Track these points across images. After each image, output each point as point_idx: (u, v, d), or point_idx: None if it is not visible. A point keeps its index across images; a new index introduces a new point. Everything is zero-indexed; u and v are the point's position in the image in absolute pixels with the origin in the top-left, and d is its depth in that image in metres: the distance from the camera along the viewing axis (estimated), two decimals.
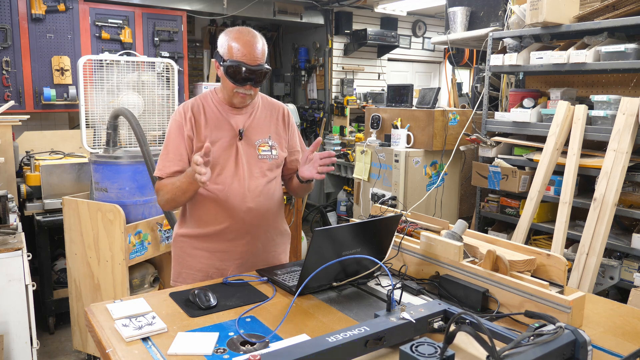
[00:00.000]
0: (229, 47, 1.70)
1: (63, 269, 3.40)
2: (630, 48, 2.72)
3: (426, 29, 7.01)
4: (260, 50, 1.71)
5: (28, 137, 3.94)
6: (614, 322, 1.39)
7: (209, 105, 1.83)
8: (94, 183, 2.76)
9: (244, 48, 1.69)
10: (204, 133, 1.78)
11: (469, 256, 1.60)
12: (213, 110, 1.81)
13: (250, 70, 1.69)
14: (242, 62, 1.68)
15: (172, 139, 1.79)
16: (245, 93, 1.74)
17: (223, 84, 1.78)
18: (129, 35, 4.87)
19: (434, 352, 0.99)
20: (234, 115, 1.82)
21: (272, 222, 1.90)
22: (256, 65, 1.70)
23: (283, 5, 5.90)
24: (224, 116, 1.81)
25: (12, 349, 2.21)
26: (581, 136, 2.93)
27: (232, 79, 1.71)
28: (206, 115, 1.80)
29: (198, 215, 1.83)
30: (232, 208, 1.78)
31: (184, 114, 1.79)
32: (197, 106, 1.81)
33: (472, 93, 4.42)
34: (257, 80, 1.73)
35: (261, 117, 1.87)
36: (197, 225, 1.83)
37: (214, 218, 1.80)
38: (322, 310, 1.41)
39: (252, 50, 1.69)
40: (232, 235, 1.80)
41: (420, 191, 3.79)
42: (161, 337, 1.25)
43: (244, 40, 1.70)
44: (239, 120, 1.82)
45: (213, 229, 1.80)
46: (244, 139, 1.81)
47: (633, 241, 2.74)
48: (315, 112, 6.56)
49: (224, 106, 1.82)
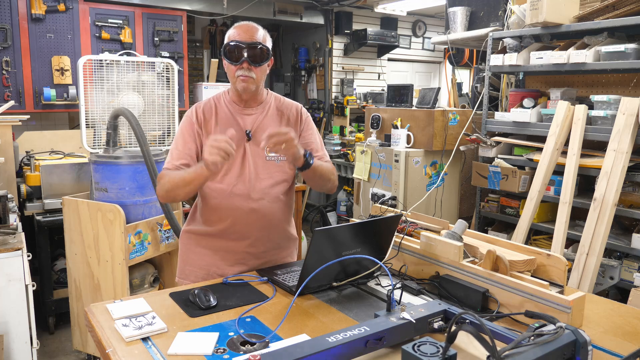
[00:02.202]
0: (228, 35, 1.75)
1: (63, 269, 3.40)
2: (630, 48, 2.72)
3: (426, 29, 7.01)
4: (258, 33, 1.73)
5: (28, 137, 3.94)
6: (614, 322, 1.39)
7: (221, 105, 1.83)
8: (94, 183, 2.76)
9: (240, 29, 1.73)
10: (213, 132, 1.78)
11: (469, 256, 1.60)
12: (224, 111, 1.81)
13: (246, 45, 1.69)
14: (237, 40, 1.70)
15: (181, 135, 1.80)
16: (245, 75, 1.71)
17: (227, 73, 1.78)
18: (129, 35, 4.87)
19: (436, 351, 0.99)
20: (244, 115, 1.81)
21: (277, 226, 1.87)
22: (252, 42, 1.70)
23: (283, 5, 5.90)
24: (233, 116, 1.81)
25: (12, 349, 2.21)
26: (581, 136, 2.93)
27: (229, 58, 1.71)
28: (217, 116, 1.80)
29: (205, 214, 1.83)
30: (235, 208, 1.77)
31: (195, 112, 1.81)
32: (209, 107, 1.82)
33: (472, 93, 4.42)
34: (254, 58, 1.71)
35: (271, 118, 1.85)
36: (203, 223, 1.84)
37: (217, 217, 1.80)
38: (322, 310, 1.41)
39: (247, 30, 1.72)
40: (234, 235, 1.80)
41: (420, 191, 3.79)
42: (161, 337, 1.25)
43: (241, 25, 1.75)
44: (247, 121, 1.81)
45: (216, 228, 1.81)
46: (252, 140, 1.79)
47: (633, 241, 2.74)
48: (315, 112, 6.56)
49: (235, 106, 1.82)
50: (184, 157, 1.76)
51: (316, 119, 6.52)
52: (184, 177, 1.67)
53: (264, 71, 1.77)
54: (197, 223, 1.87)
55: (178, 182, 1.68)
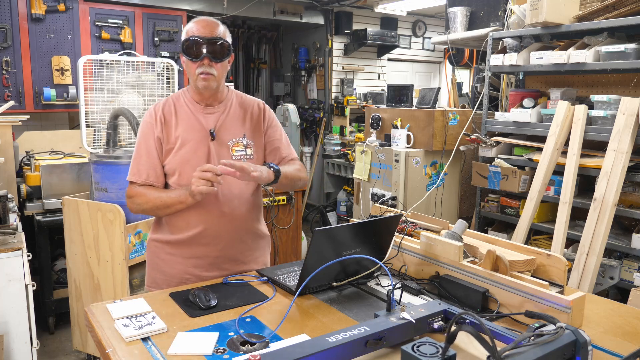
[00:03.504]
0: (186, 31, 1.70)
1: (63, 269, 3.40)
2: (630, 48, 2.72)
3: (426, 29, 7.01)
4: (219, 28, 1.69)
5: (28, 137, 3.94)
6: (614, 322, 1.39)
7: (181, 105, 1.77)
8: (94, 183, 2.76)
9: (199, 24, 1.68)
10: (174, 134, 1.73)
11: (469, 256, 1.60)
12: (185, 110, 1.76)
13: (206, 40, 1.64)
14: (197, 35, 1.65)
15: (144, 142, 1.74)
16: (207, 72, 1.67)
17: (187, 71, 1.73)
18: (129, 35, 4.87)
19: (435, 352, 0.99)
20: (205, 114, 1.76)
21: (249, 227, 1.83)
22: (212, 37, 1.66)
23: (283, 5, 5.90)
24: (195, 116, 1.75)
25: (12, 349, 2.21)
26: (581, 136, 2.93)
27: (189, 54, 1.66)
28: (177, 115, 1.75)
29: (171, 221, 1.76)
30: (205, 213, 1.72)
31: (154, 114, 1.75)
32: (168, 106, 1.76)
33: (472, 93, 4.42)
34: (215, 54, 1.66)
35: (234, 116, 1.80)
36: (170, 231, 1.77)
37: (186, 224, 1.73)
38: (322, 310, 1.41)
39: (207, 25, 1.67)
40: (206, 240, 1.75)
41: (420, 191, 3.79)
42: (161, 337, 1.25)
43: (200, 20, 1.70)
44: (210, 120, 1.75)
45: (186, 235, 1.74)
46: (216, 139, 1.74)
47: (633, 241, 2.74)
48: (315, 112, 6.56)
49: (195, 105, 1.77)
50: (150, 168, 1.72)
51: (316, 119, 6.53)
52: (164, 201, 1.67)
53: (225, 68, 1.72)
54: (164, 231, 1.79)
55: (158, 204, 1.69)
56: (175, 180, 1.73)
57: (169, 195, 1.67)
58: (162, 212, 1.73)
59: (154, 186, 1.73)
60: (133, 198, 1.73)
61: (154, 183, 1.73)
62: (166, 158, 1.74)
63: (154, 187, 1.73)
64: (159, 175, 1.74)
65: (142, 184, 1.73)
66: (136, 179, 1.73)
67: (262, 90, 7.36)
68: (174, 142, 1.72)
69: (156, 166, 1.73)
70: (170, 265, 1.78)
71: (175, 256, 1.77)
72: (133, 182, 1.75)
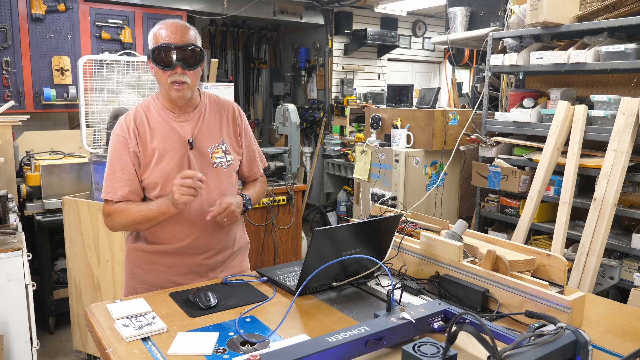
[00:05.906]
0: (154, 35, 1.62)
1: (63, 269, 3.40)
2: (630, 48, 2.72)
3: (426, 29, 7.01)
4: (189, 33, 1.61)
5: (28, 137, 3.94)
6: (614, 322, 1.39)
7: (152, 114, 1.68)
8: (94, 183, 2.76)
9: (168, 30, 1.59)
10: (150, 147, 1.65)
11: (469, 256, 1.60)
12: (158, 120, 1.67)
13: (177, 48, 1.56)
14: (167, 42, 1.57)
15: (117, 157, 1.65)
16: (180, 81, 1.59)
17: (158, 79, 1.65)
18: (129, 35, 4.87)
19: (436, 352, 0.99)
20: (180, 122, 1.68)
21: (234, 233, 1.81)
22: (184, 44, 1.58)
23: (283, 5, 5.90)
24: (169, 125, 1.67)
25: (12, 349, 2.21)
26: (581, 136, 2.93)
27: (161, 63, 1.58)
28: (150, 126, 1.66)
29: (155, 233, 1.70)
30: (191, 225, 1.68)
31: (126, 127, 1.65)
32: (140, 117, 1.67)
33: (472, 93, 4.42)
34: (188, 62, 1.59)
35: (210, 121, 1.73)
36: (153, 241, 1.71)
37: (172, 236, 1.69)
38: (322, 310, 1.41)
39: (177, 30, 1.59)
40: (192, 251, 1.72)
41: (420, 191, 3.79)
42: (161, 337, 1.25)
43: (169, 24, 1.61)
44: (186, 128, 1.68)
45: (171, 247, 1.70)
46: (194, 147, 1.67)
47: (633, 241, 2.74)
48: (315, 112, 6.56)
49: (168, 113, 1.68)
50: (126, 184, 1.64)
51: (316, 119, 6.53)
52: (146, 215, 1.60)
53: (198, 74, 1.65)
54: (146, 240, 1.73)
55: (139, 219, 1.61)
56: (156, 194, 1.66)
57: (149, 208, 1.60)
58: (143, 226, 1.64)
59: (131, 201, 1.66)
60: (112, 216, 1.65)
61: (131, 198, 1.66)
62: (144, 172, 1.66)
63: (132, 201, 1.66)
64: (136, 190, 1.66)
65: (118, 200, 1.65)
66: (112, 197, 1.65)
67: (262, 90, 7.36)
68: (151, 155, 1.65)
69: (132, 181, 1.65)
70: (152, 274, 1.72)
71: (159, 265, 1.72)
72: (109, 200, 1.66)
